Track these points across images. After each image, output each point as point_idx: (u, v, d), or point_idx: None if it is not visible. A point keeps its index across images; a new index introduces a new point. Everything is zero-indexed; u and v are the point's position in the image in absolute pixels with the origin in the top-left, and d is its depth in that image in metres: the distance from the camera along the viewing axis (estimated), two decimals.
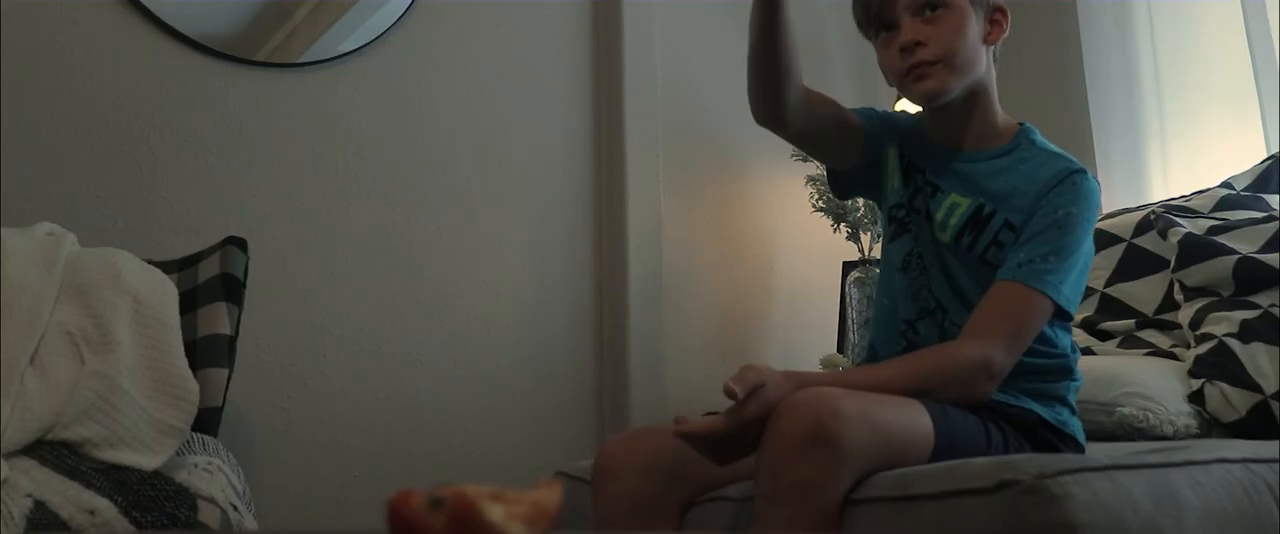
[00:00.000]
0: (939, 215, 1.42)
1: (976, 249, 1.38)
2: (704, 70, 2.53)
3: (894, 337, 1.48)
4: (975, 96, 1.42)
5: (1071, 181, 1.35)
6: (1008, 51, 1.52)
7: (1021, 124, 1.47)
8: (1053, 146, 1.44)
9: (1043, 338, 1.37)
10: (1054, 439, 1.37)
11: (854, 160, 1.51)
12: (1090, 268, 1.40)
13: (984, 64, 1.43)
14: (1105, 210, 2.28)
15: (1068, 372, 1.41)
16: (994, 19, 1.44)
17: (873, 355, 1.53)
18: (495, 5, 2.31)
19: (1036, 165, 1.39)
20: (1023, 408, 1.36)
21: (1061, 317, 1.35)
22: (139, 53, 1.93)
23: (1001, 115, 1.45)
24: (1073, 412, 1.41)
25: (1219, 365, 1.64)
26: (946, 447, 1.23)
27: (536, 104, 2.34)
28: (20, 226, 1.56)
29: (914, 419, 1.22)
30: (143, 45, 1.93)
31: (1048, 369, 1.39)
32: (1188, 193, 2.01)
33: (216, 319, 1.56)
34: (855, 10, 1.46)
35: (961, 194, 1.41)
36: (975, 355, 1.28)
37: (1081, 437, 1.41)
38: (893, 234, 1.50)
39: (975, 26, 1.40)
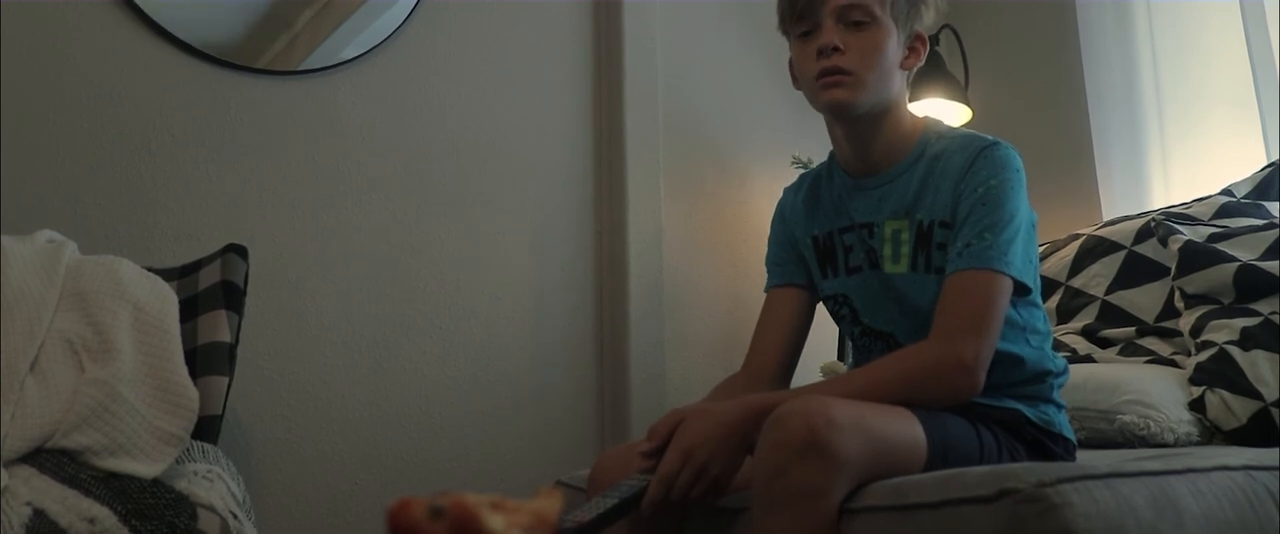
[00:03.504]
0: (886, 251, 1.41)
1: (933, 263, 1.37)
2: (705, 75, 2.54)
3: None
4: (884, 115, 1.41)
5: (984, 157, 1.34)
6: (1008, 59, 1.53)
7: (924, 121, 1.46)
8: (959, 130, 1.44)
9: (1018, 344, 1.38)
10: (1043, 438, 1.37)
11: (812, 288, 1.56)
12: (1036, 235, 1.39)
13: (897, 86, 1.42)
14: (1106, 217, 2.28)
15: (1045, 372, 1.41)
16: (913, 46, 1.44)
17: None
18: (495, 10, 2.32)
19: (949, 156, 1.38)
20: (1007, 408, 1.36)
21: (1020, 291, 1.33)
22: (140, 60, 1.93)
23: (907, 123, 1.44)
24: (1059, 407, 1.42)
25: (1220, 373, 1.64)
26: (941, 453, 1.23)
27: (538, 109, 2.34)
28: (21, 234, 1.56)
29: (907, 427, 1.22)
30: (144, 52, 1.93)
31: (1022, 373, 1.39)
32: (1188, 200, 2.01)
33: (217, 327, 1.56)
34: (780, 4, 1.44)
35: (894, 218, 1.40)
36: (937, 354, 1.26)
37: (1069, 432, 1.42)
38: (839, 320, 1.53)
39: (895, 48, 1.40)
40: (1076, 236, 2.12)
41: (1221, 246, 1.78)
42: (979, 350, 1.25)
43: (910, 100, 1.59)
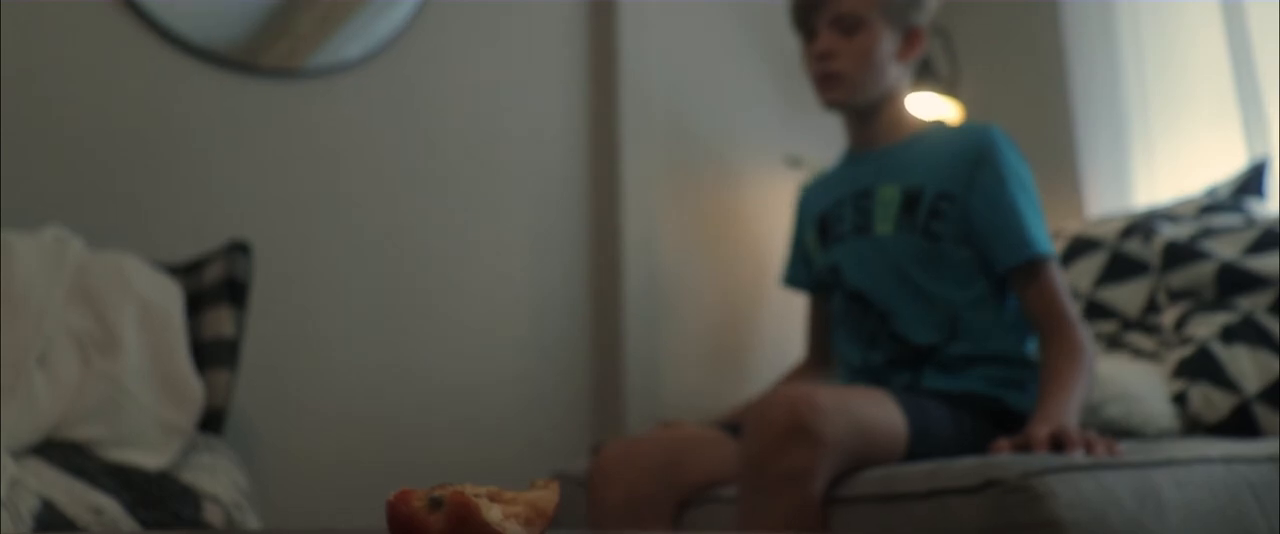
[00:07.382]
0: (878, 213, 1.54)
1: (917, 225, 1.49)
2: (701, 76, 2.55)
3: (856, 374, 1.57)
4: (883, 103, 1.58)
5: (990, 141, 1.49)
6: (994, 57, 1.61)
7: (933, 122, 1.63)
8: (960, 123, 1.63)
9: (997, 329, 1.43)
10: (1020, 424, 1.41)
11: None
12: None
13: (892, 78, 1.58)
14: (1090, 215, 2.31)
15: (1024, 359, 1.46)
16: (910, 40, 1.56)
17: (850, 372, 1.58)
18: (494, 12, 2.33)
19: (948, 136, 1.55)
20: (984, 394, 1.40)
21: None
22: (143, 60, 1.94)
23: (907, 111, 1.62)
24: (1031, 396, 1.46)
25: (1201, 368, 1.67)
26: (922, 438, 1.28)
27: (535, 111, 2.36)
28: (28, 230, 1.58)
29: (888, 412, 1.27)
30: (147, 52, 1.95)
31: (1008, 361, 1.44)
32: (1171, 199, 2.04)
33: (220, 322, 1.58)
34: (789, 12, 1.64)
35: (889, 184, 1.54)
36: (1087, 351, 1.40)
37: None
38: (828, 295, 1.69)
39: (888, 46, 1.55)
40: (1061, 235, 2.14)
41: (1204, 244, 1.80)
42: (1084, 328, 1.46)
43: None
